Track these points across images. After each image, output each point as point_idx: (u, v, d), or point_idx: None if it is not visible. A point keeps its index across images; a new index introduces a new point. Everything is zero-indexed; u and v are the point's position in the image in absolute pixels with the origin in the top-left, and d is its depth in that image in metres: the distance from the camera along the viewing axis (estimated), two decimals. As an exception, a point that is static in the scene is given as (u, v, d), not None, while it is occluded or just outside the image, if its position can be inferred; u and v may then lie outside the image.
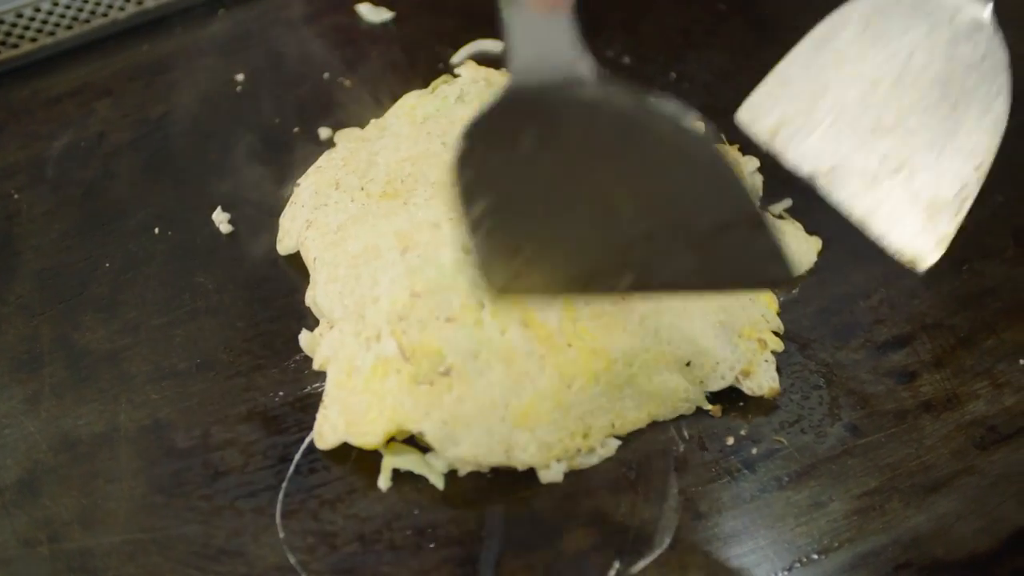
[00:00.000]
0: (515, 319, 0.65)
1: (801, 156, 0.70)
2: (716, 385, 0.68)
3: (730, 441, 0.67)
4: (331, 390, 0.66)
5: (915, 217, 0.68)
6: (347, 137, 0.80)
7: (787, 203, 0.78)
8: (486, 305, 0.65)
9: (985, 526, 0.64)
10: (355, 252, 0.70)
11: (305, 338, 0.70)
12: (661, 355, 0.67)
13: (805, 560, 0.62)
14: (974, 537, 0.63)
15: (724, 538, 0.63)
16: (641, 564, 0.62)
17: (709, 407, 0.68)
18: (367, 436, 0.64)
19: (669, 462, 0.66)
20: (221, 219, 0.77)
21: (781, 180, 0.76)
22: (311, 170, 0.77)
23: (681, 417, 0.68)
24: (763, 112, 0.73)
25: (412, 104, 0.80)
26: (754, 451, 0.66)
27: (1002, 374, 0.70)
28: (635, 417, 0.66)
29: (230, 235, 0.77)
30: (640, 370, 0.66)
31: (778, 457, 0.66)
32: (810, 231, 0.77)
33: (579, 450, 0.65)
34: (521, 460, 0.64)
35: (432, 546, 0.63)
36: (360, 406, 0.65)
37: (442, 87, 0.81)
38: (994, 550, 0.63)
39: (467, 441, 0.63)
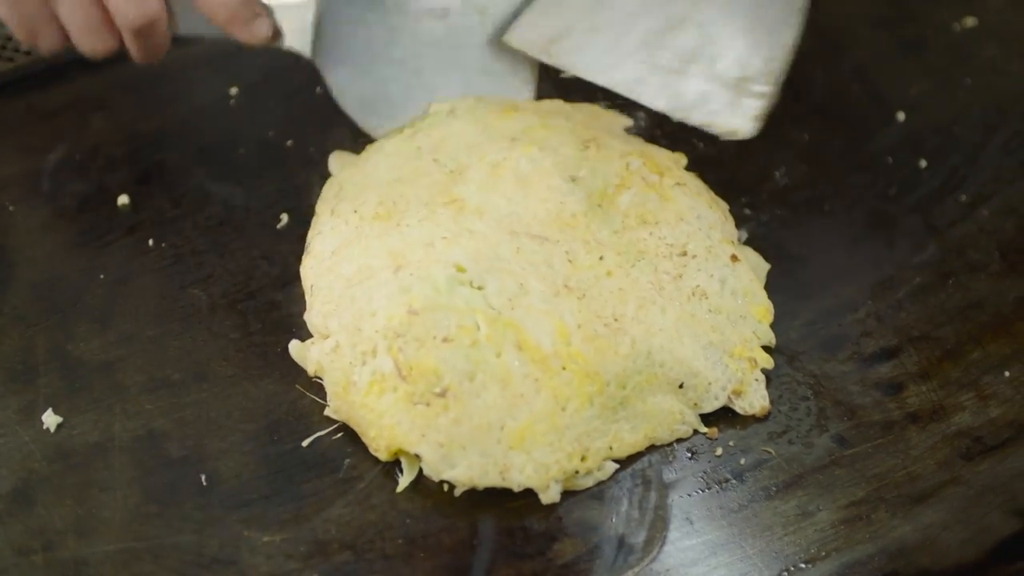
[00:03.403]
0: (510, 341, 0.66)
1: (586, 66, 0.70)
2: (710, 406, 0.69)
3: (719, 452, 0.67)
4: (332, 400, 0.68)
5: (723, 95, 0.67)
6: (341, 161, 0.80)
7: (744, 235, 0.78)
8: (482, 327, 0.66)
9: (971, 536, 0.64)
10: (348, 274, 0.70)
11: (295, 347, 0.71)
12: (654, 377, 0.67)
13: (792, 569, 0.63)
14: (960, 547, 0.64)
15: (712, 547, 0.64)
16: (630, 574, 0.62)
17: (705, 430, 0.68)
18: (376, 453, 0.66)
19: (658, 472, 0.67)
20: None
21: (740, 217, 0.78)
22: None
23: (672, 430, 0.68)
24: (536, 29, 0.72)
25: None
26: (742, 461, 0.67)
27: (988, 386, 0.71)
28: (632, 440, 0.67)
29: (224, 247, 0.77)
30: (633, 392, 0.67)
31: (766, 467, 0.67)
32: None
33: (577, 472, 0.65)
34: (517, 482, 0.64)
35: (424, 555, 0.63)
36: (361, 422, 0.66)
37: (432, 105, 0.82)
38: (979, 560, 0.64)
39: (463, 463, 0.64)
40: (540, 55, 0.72)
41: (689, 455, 0.67)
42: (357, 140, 0.82)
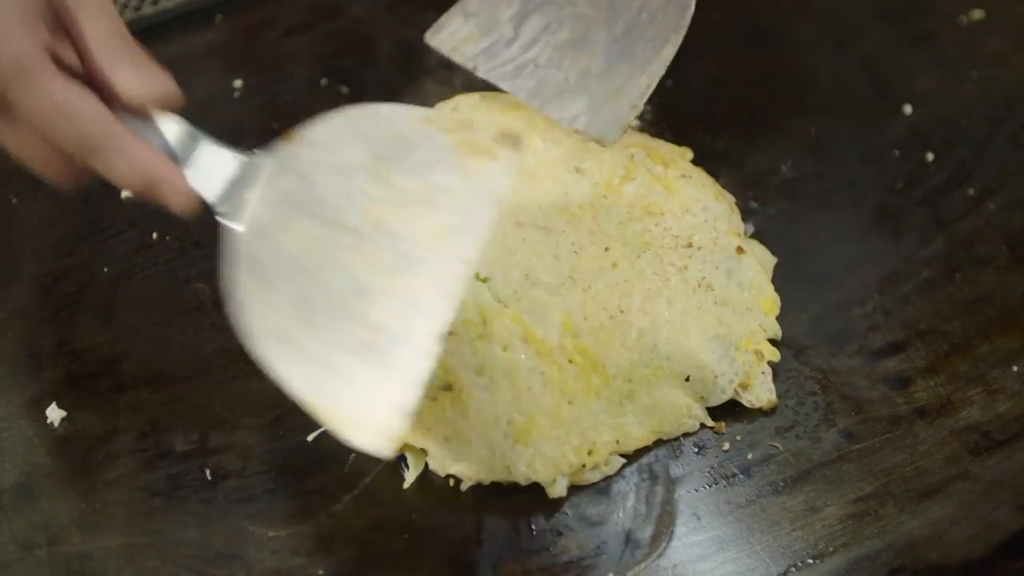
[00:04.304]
0: (516, 335, 0.65)
1: (493, 71, 0.74)
2: (717, 399, 0.68)
3: (726, 447, 0.67)
4: None
5: (602, 107, 0.70)
6: None
7: (750, 229, 0.78)
8: (488, 320, 0.66)
9: (979, 531, 0.64)
10: None
11: None
12: (660, 370, 0.67)
13: (800, 565, 0.62)
14: (968, 542, 0.64)
15: (720, 543, 0.63)
16: (637, 569, 0.62)
17: (712, 424, 0.68)
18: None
19: (665, 467, 0.66)
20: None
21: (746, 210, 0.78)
22: None
23: (679, 425, 0.68)
24: (451, 31, 0.76)
25: None
26: (750, 456, 0.67)
27: (995, 380, 0.70)
28: (639, 434, 0.66)
29: (228, 240, 0.77)
30: (640, 386, 0.67)
31: (773, 462, 0.67)
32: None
33: (584, 466, 0.65)
34: (524, 476, 0.64)
35: (429, 551, 0.63)
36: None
37: (438, 104, 0.82)
38: (987, 555, 0.63)
39: (469, 458, 0.64)
40: (452, 54, 0.76)
41: (696, 450, 0.67)
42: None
